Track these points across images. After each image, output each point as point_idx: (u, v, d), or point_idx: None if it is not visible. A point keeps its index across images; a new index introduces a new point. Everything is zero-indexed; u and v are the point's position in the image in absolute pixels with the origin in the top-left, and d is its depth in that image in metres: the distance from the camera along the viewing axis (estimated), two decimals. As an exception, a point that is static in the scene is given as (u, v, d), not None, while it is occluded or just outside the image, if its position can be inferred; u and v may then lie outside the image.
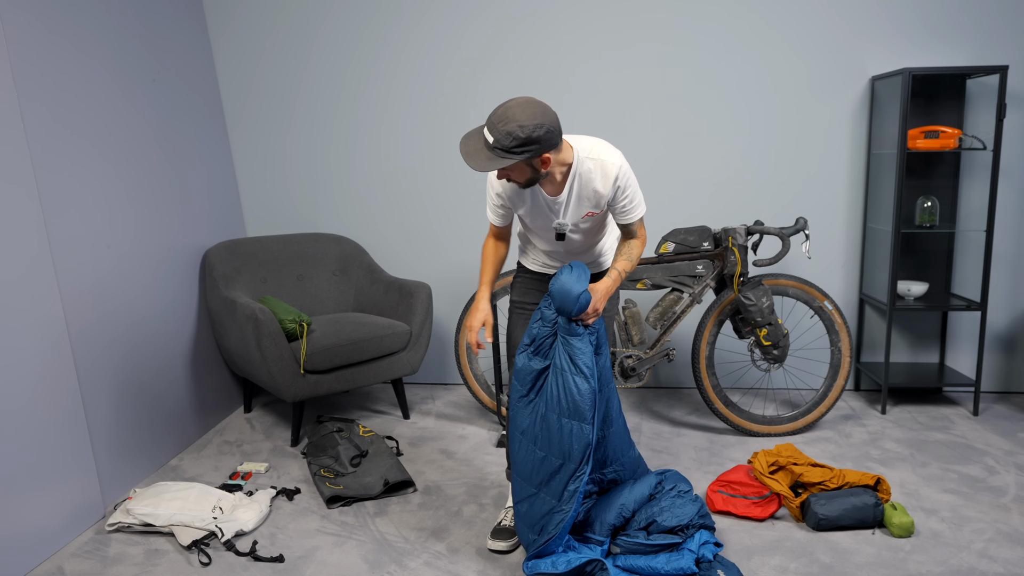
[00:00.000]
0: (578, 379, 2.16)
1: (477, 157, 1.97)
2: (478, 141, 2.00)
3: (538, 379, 2.26)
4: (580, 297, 2.13)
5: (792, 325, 3.77)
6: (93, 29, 2.81)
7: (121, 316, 2.90)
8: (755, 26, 3.48)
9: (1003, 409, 3.50)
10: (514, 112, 1.93)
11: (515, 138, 1.92)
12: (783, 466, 2.60)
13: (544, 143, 1.97)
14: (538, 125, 1.93)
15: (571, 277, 2.16)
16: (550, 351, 2.25)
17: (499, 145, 1.94)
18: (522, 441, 2.28)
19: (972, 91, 3.41)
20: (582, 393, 2.16)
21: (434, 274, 3.95)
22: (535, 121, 1.93)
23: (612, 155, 2.15)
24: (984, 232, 3.46)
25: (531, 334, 2.27)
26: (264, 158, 3.90)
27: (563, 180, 2.16)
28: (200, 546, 2.46)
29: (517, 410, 2.29)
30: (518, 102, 1.96)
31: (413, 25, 3.67)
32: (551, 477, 2.22)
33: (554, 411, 2.20)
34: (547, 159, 2.03)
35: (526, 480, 2.28)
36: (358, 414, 3.67)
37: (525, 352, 2.28)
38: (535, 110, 1.95)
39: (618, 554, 2.28)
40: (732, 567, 2.20)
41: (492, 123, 1.96)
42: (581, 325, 2.19)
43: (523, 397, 2.28)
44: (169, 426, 3.19)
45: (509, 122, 1.92)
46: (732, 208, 3.68)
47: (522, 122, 1.92)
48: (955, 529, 2.47)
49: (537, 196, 2.21)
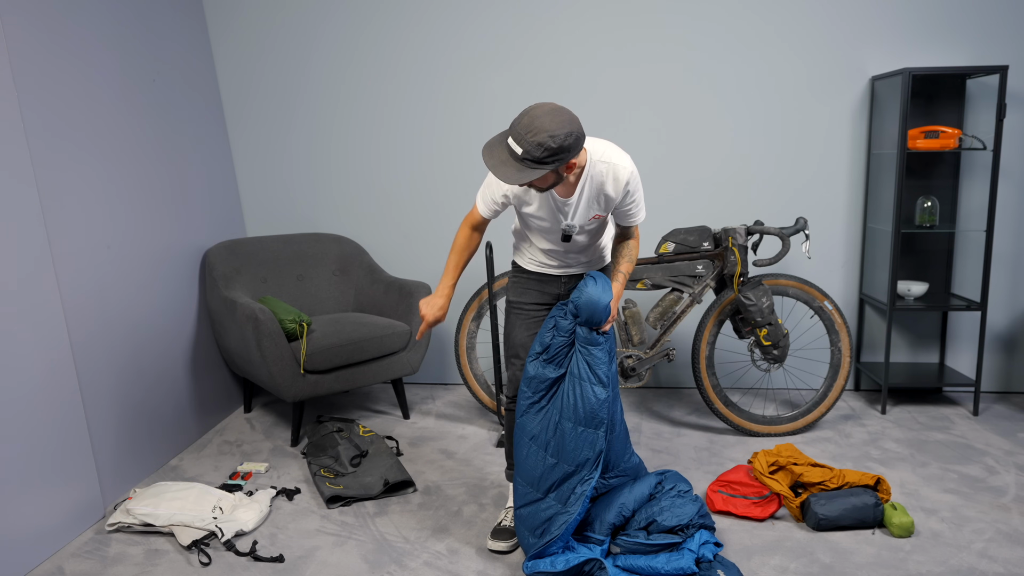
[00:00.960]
0: (596, 388, 2.19)
1: (506, 169, 1.93)
2: (503, 152, 1.96)
3: (552, 387, 2.28)
4: (607, 308, 2.18)
5: (792, 325, 3.77)
6: (93, 29, 2.81)
7: (121, 316, 2.90)
8: (755, 26, 3.48)
9: (1003, 409, 3.50)
10: (542, 122, 1.90)
11: (547, 149, 1.89)
12: (783, 466, 2.60)
13: (573, 151, 1.95)
14: (568, 134, 1.91)
15: (597, 289, 2.18)
16: (564, 360, 2.26)
17: (529, 156, 1.91)
18: (531, 447, 2.28)
19: (972, 91, 3.41)
20: (600, 401, 2.18)
21: (434, 274, 3.95)
22: (565, 130, 1.90)
23: (623, 159, 2.15)
24: (984, 232, 3.46)
25: (544, 343, 2.27)
26: (264, 158, 3.90)
27: (575, 182, 2.15)
28: (200, 546, 2.46)
29: (527, 417, 2.30)
30: (544, 110, 1.92)
31: (413, 25, 3.67)
32: (560, 483, 2.23)
33: (569, 419, 2.21)
34: (572, 164, 2.03)
35: (532, 485, 2.28)
36: (358, 414, 3.67)
37: (537, 360, 2.28)
38: (563, 118, 1.92)
39: (618, 554, 2.28)
40: (732, 567, 2.20)
41: (519, 133, 1.92)
42: (600, 333, 2.21)
43: (534, 404, 2.29)
44: (169, 426, 3.19)
45: (539, 132, 1.89)
46: (732, 208, 3.68)
47: (552, 132, 1.89)
48: (955, 529, 2.47)
49: (547, 197, 2.19)
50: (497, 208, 2.29)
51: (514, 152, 1.93)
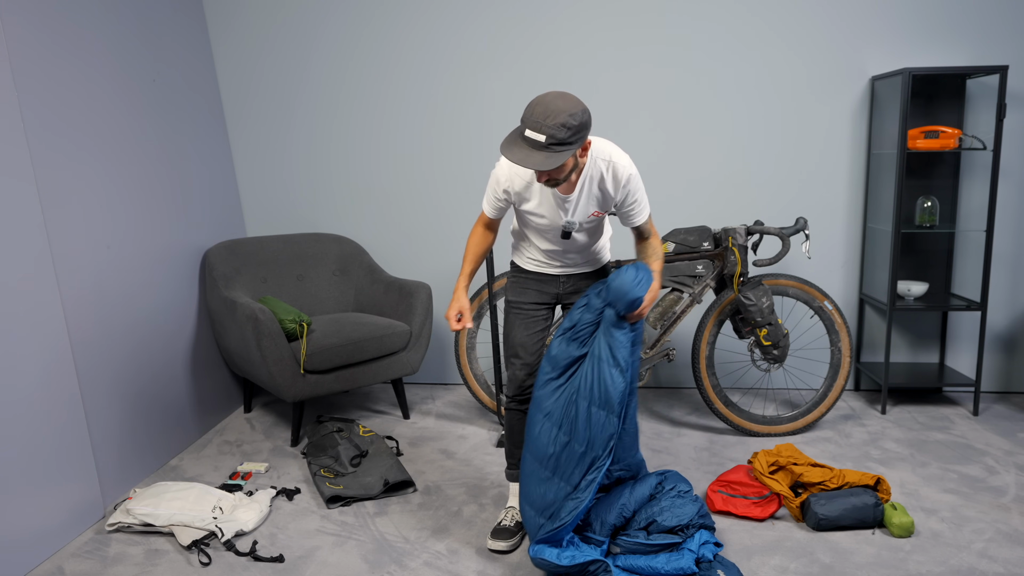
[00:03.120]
0: (614, 371, 2.20)
1: (534, 159, 1.96)
2: (524, 146, 1.99)
3: (572, 365, 2.29)
4: (635, 302, 2.18)
5: (792, 325, 3.77)
6: (93, 28, 2.81)
7: (121, 317, 2.90)
8: (755, 26, 3.48)
9: (1003, 409, 3.50)
10: (557, 104, 1.95)
11: (569, 127, 1.94)
12: (783, 466, 2.60)
13: (588, 127, 2.01)
14: (583, 110, 1.98)
15: (632, 280, 2.18)
16: (589, 340, 2.28)
17: (555, 140, 1.95)
18: (544, 424, 2.28)
19: (972, 91, 3.41)
20: (616, 384, 2.19)
21: (434, 274, 3.95)
22: (580, 107, 1.97)
23: (623, 158, 2.19)
24: (984, 232, 3.46)
25: (573, 319, 2.30)
26: (264, 158, 3.90)
27: (576, 178, 2.18)
28: (200, 546, 2.46)
29: (544, 393, 2.30)
30: (553, 96, 1.98)
31: (413, 25, 3.67)
32: (570, 463, 2.22)
33: (585, 398, 2.21)
34: (587, 144, 2.10)
35: (541, 463, 2.27)
36: (358, 414, 3.67)
37: (563, 337, 2.30)
38: (572, 99, 1.98)
39: (618, 554, 2.28)
40: (732, 567, 2.20)
41: (537, 121, 1.95)
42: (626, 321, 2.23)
43: (553, 380, 2.30)
44: (169, 426, 3.19)
45: (559, 114, 1.94)
46: (732, 208, 3.68)
47: (570, 110, 1.95)
48: (955, 529, 2.47)
49: (548, 194, 2.22)
50: (501, 205, 2.32)
51: (536, 141, 1.96)
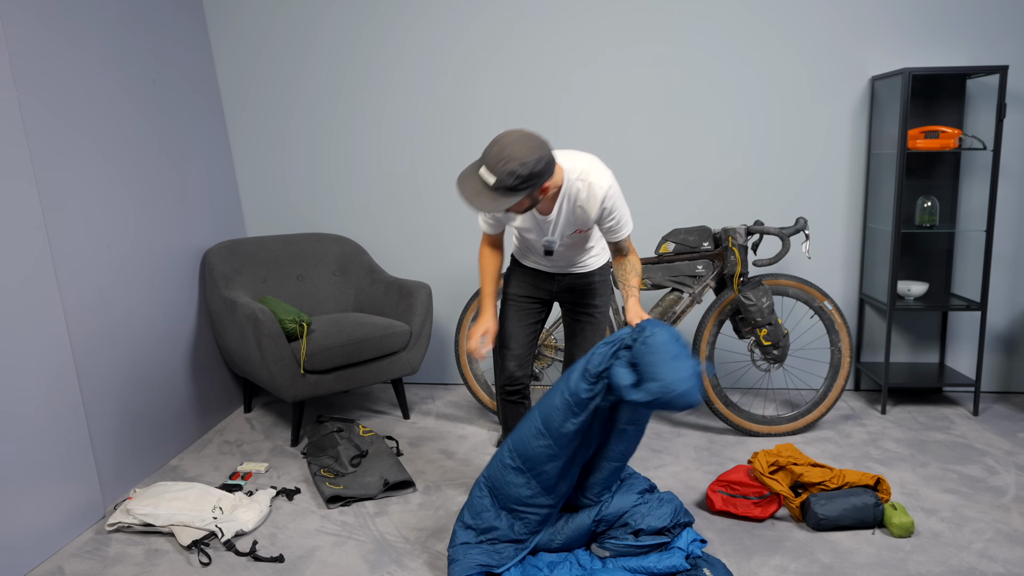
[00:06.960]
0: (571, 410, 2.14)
1: (481, 199, 1.97)
2: (477, 183, 2.00)
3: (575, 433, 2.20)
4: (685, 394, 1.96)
5: (792, 325, 3.77)
6: (93, 29, 2.81)
7: (121, 316, 2.90)
8: (755, 26, 3.48)
9: (1003, 409, 3.50)
10: (512, 150, 1.94)
11: (518, 176, 1.93)
12: (783, 466, 2.60)
13: (544, 175, 1.99)
14: (538, 160, 1.95)
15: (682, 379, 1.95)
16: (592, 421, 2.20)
17: (503, 185, 1.95)
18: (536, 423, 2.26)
19: (972, 91, 3.41)
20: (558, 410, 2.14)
21: (434, 274, 3.95)
22: (534, 156, 1.94)
23: (601, 178, 2.17)
24: (984, 232, 3.46)
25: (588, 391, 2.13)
26: (264, 158, 3.90)
27: (553, 199, 2.20)
28: (200, 546, 2.46)
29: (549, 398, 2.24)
30: (513, 138, 1.96)
31: (413, 25, 3.67)
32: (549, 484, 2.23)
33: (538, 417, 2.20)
34: (546, 187, 2.07)
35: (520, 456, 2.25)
36: (358, 414, 3.67)
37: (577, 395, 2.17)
38: (531, 144, 1.95)
39: (607, 557, 2.29)
40: (719, 564, 2.21)
41: (491, 163, 1.95)
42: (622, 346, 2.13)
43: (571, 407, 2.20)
44: (169, 426, 3.19)
45: (509, 161, 1.93)
46: (732, 208, 3.68)
47: (523, 159, 1.93)
48: (955, 529, 2.47)
49: (529, 213, 2.27)
50: (491, 222, 2.37)
51: (487, 182, 1.97)
